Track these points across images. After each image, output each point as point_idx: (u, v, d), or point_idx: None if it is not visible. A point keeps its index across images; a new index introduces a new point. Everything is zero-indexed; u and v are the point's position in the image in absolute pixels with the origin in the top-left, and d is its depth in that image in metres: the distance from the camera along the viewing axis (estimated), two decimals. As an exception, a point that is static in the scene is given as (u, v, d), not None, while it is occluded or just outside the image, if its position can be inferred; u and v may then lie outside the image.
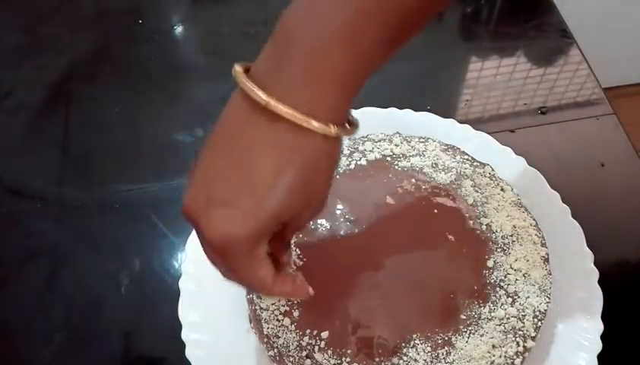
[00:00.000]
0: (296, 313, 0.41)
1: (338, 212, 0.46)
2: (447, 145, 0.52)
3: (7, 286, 0.52)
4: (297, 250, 0.44)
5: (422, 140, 0.52)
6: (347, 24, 0.29)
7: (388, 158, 0.50)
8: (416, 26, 0.33)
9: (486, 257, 0.44)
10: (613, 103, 0.64)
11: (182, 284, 0.46)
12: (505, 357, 0.40)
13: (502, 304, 0.42)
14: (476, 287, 0.43)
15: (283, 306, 0.42)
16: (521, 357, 0.41)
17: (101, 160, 0.60)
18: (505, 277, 0.43)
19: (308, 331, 0.41)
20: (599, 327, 0.43)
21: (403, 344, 0.40)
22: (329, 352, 0.40)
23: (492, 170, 0.50)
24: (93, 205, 0.56)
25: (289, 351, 0.41)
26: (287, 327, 0.41)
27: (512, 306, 0.42)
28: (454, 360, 0.40)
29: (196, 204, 0.32)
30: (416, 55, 0.70)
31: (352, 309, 0.41)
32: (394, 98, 0.58)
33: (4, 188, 0.58)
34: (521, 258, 0.44)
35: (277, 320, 0.42)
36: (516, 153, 0.53)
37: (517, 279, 0.43)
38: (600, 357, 0.42)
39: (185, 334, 0.43)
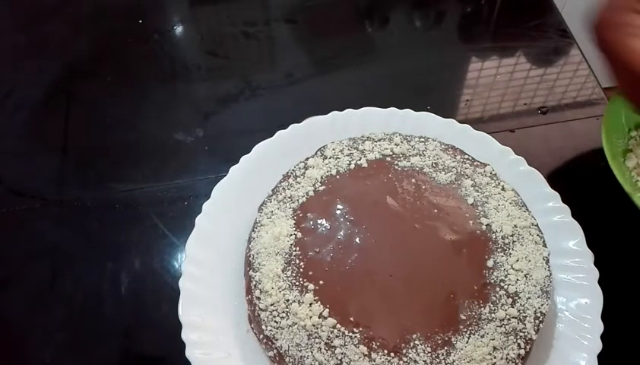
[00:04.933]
0: (295, 314, 0.41)
1: (338, 212, 0.46)
2: (447, 145, 0.52)
3: (8, 286, 0.52)
4: (298, 249, 0.44)
5: (422, 140, 0.52)
6: None
7: (388, 158, 0.50)
8: None
9: (486, 257, 0.44)
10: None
11: (182, 284, 0.46)
12: (506, 359, 0.40)
13: (503, 305, 0.42)
14: (476, 287, 0.43)
15: (282, 306, 0.42)
16: (522, 361, 0.41)
17: (101, 160, 0.60)
18: (506, 277, 0.43)
19: (307, 331, 0.41)
20: (599, 327, 0.43)
21: (403, 345, 0.40)
22: (329, 352, 0.40)
23: (493, 170, 0.50)
24: (93, 205, 0.56)
25: (288, 352, 0.41)
26: (286, 328, 0.41)
27: (513, 307, 0.42)
28: (454, 361, 0.40)
29: None
30: (416, 55, 0.70)
31: (351, 309, 0.41)
32: (394, 98, 0.58)
33: (5, 188, 0.58)
34: (522, 259, 0.44)
35: (276, 321, 0.42)
36: (516, 153, 0.53)
37: (517, 279, 0.43)
38: (600, 357, 0.42)
39: (185, 334, 0.43)
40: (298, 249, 0.44)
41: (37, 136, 0.62)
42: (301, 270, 0.43)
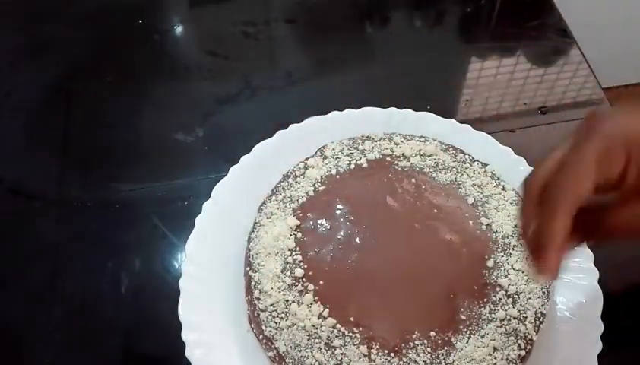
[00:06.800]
0: (294, 314, 0.41)
1: (338, 212, 0.46)
2: (447, 145, 0.52)
3: (7, 286, 0.52)
4: (298, 249, 0.44)
5: (422, 140, 0.52)
6: None
7: (388, 158, 0.50)
8: None
9: (486, 257, 0.44)
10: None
11: (182, 284, 0.46)
12: (506, 359, 0.40)
13: (503, 305, 0.42)
14: (476, 287, 0.43)
15: (281, 306, 0.42)
16: (522, 361, 0.41)
17: (101, 160, 0.60)
18: (506, 277, 0.43)
19: (307, 332, 0.41)
20: (599, 327, 0.43)
21: (403, 345, 0.40)
22: (329, 352, 0.40)
23: (493, 170, 0.50)
24: (93, 205, 0.56)
25: (288, 352, 0.41)
26: (286, 329, 0.41)
27: (513, 307, 0.42)
28: (454, 361, 0.40)
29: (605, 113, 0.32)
30: (416, 55, 0.70)
31: (352, 309, 0.41)
32: (394, 98, 0.58)
33: (5, 188, 0.58)
34: (522, 259, 0.44)
35: (275, 322, 0.42)
36: (516, 153, 0.53)
37: (518, 279, 0.43)
38: (600, 357, 0.42)
39: (185, 334, 0.43)
40: (298, 249, 0.44)
41: (37, 136, 0.62)
42: (301, 270, 0.43)
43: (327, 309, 0.41)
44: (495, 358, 0.40)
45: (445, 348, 0.40)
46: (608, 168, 0.31)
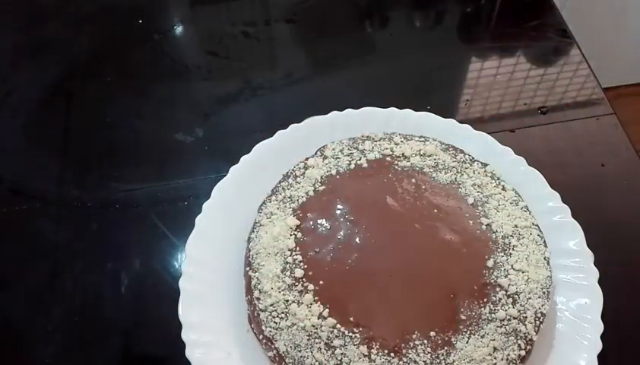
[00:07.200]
0: (294, 314, 0.41)
1: (338, 212, 0.46)
2: (447, 145, 0.52)
3: (8, 286, 0.52)
4: (297, 249, 0.44)
5: (422, 140, 0.52)
6: None
7: (388, 158, 0.50)
8: None
9: (486, 257, 0.44)
10: (613, 103, 0.64)
11: (182, 284, 0.46)
12: (506, 359, 0.40)
13: (503, 305, 0.42)
14: (476, 287, 0.43)
15: (281, 306, 0.42)
16: (522, 361, 0.41)
17: (101, 160, 0.60)
18: (506, 277, 0.43)
19: (307, 332, 0.41)
20: (599, 327, 0.43)
21: (403, 345, 0.40)
22: (329, 352, 0.40)
23: (493, 170, 0.50)
24: (93, 205, 0.56)
25: (288, 352, 0.41)
26: (285, 329, 0.41)
27: (513, 307, 0.42)
28: (454, 361, 0.40)
29: None
30: (416, 55, 0.70)
31: (352, 309, 0.41)
32: (394, 98, 0.58)
33: (4, 188, 0.58)
34: (522, 259, 0.44)
35: (275, 322, 0.42)
36: (516, 153, 0.53)
37: (518, 279, 0.43)
38: (600, 357, 0.42)
39: (185, 334, 0.43)
40: (298, 249, 0.44)
41: (37, 136, 0.62)
42: (301, 270, 0.43)
43: (327, 309, 0.41)
44: (495, 358, 0.40)
45: (445, 348, 0.40)
46: None
